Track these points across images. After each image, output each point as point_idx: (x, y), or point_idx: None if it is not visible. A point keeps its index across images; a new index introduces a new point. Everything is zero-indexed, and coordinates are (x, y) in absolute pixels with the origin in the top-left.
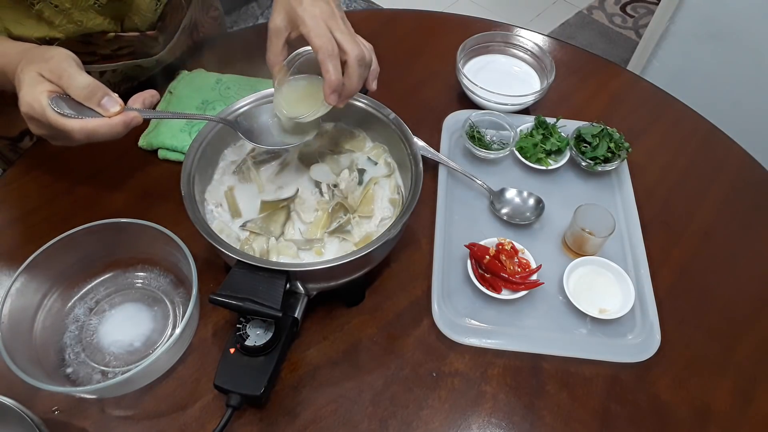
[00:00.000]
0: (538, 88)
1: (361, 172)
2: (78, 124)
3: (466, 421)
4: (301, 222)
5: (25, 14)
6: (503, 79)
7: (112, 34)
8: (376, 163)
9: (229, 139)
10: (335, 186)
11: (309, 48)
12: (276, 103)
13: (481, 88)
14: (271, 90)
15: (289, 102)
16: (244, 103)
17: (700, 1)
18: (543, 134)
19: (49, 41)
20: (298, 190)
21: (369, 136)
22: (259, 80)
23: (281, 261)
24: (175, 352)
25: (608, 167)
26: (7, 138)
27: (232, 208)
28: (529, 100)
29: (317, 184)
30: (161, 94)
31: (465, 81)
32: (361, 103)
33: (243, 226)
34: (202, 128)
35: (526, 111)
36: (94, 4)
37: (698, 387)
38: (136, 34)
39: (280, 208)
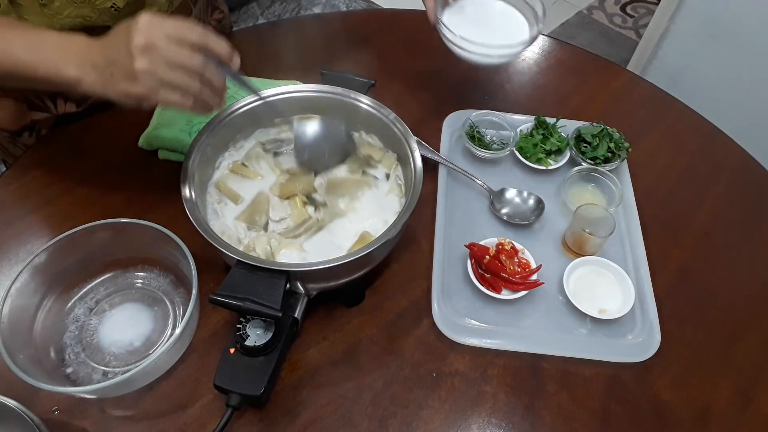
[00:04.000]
0: (527, 37)
1: None
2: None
3: (466, 421)
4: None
5: (33, 8)
6: (489, 25)
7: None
8: (388, 175)
9: (229, 140)
10: None
11: None
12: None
13: (463, 38)
14: (272, 90)
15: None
16: (244, 103)
17: (700, 1)
18: (543, 134)
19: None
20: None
21: (379, 140)
22: (260, 80)
23: (284, 260)
24: (175, 352)
25: (608, 167)
26: (8, 131)
27: (230, 196)
28: (518, 50)
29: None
30: None
31: (446, 32)
32: (361, 103)
33: (237, 218)
34: (202, 128)
35: (525, 111)
36: (111, 7)
37: (698, 387)
38: None
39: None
